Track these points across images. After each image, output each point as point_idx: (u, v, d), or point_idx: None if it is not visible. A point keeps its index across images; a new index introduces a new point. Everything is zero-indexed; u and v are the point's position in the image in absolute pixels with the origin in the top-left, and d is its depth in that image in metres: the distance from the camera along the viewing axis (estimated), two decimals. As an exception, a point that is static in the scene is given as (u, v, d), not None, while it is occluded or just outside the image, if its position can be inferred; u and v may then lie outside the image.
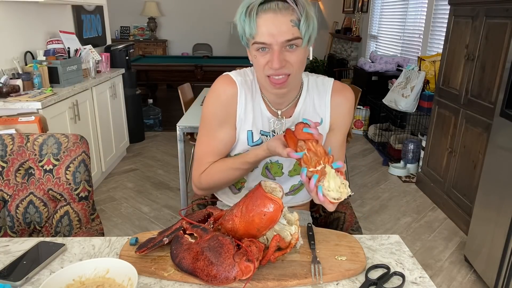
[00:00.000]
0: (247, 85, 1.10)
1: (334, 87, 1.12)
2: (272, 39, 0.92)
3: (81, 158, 1.27)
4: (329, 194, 0.83)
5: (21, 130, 2.12)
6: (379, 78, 4.46)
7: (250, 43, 0.98)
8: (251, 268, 0.76)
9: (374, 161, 3.88)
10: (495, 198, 1.96)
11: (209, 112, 1.10)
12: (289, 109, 1.11)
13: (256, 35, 0.94)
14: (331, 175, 0.84)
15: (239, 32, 0.99)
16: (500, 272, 1.88)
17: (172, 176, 3.47)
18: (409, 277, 0.83)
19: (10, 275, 0.82)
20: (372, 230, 2.64)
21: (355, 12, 6.23)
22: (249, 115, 1.09)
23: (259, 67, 0.99)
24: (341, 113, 1.12)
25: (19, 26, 2.79)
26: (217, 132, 1.10)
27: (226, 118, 1.09)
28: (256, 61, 0.99)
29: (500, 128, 1.94)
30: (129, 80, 4.01)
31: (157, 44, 7.40)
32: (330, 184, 0.84)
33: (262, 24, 0.92)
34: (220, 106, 1.08)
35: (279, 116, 1.10)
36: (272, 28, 0.92)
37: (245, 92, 1.09)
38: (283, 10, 0.91)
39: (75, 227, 1.28)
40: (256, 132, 1.10)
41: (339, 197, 0.84)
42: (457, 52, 2.74)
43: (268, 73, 0.98)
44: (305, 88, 1.13)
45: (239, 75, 1.10)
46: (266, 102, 1.10)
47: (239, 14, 0.96)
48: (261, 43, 0.94)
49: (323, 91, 1.12)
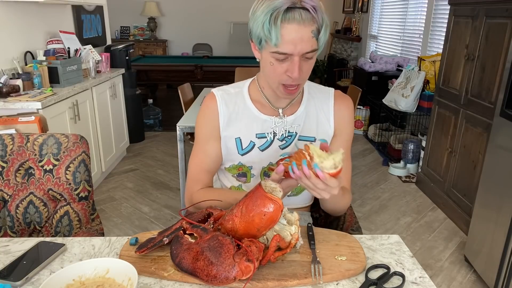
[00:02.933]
0: (230, 96, 1.12)
1: (335, 94, 1.15)
2: (294, 50, 0.92)
3: (81, 158, 1.27)
4: (324, 166, 0.84)
5: (21, 130, 2.12)
6: (379, 78, 4.46)
7: (267, 48, 0.96)
8: (251, 268, 0.76)
9: (374, 161, 3.89)
10: (495, 198, 1.96)
11: (198, 129, 1.14)
12: (290, 107, 1.12)
13: (278, 45, 0.93)
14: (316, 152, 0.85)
15: (254, 33, 0.97)
16: (500, 272, 1.88)
17: (172, 176, 3.47)
18: (409, 277, 0.83)
19: (10, 275, 0.82)
20: (372, 230, 2.64)
21: (355, 12, 6.23)
22: (234, 124, 1.11)
23: (274, 75, 0.99)
24: (344, 119, 1.14)
25: (19, 26, 2.79)
26: (205, 147, 1.13)
27: (211, 133, 1.12)
28: (272, 68, 0.98)
29: (500, 128, 1.94)
30: (129, 80, 4.01)
31: (157, 44, 7.40)
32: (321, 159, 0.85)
33: (286, 34, 0.91)
34: (205, 122, 1.12)
35: (280, 114, 1.11)
36: (295, 39, 0.91)
37: (226, 102, 1.11)
38: (306, 21, 0.91)
39: (75, 227, 1.28)
40: (246, 139, 1.11)
41: (335, 165, 0.84)
42: (457, 52, 2.74)
43: (285, 82, 0.99)
44: (306, 89, 1.14)
45: (220, 90, 1.14)
46: (262, 104, 1.11)
47: (261, 20, 0.93)
48: (282, 53, 0.94)
49: (325, 96, 1.14)
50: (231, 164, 1.14)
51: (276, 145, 1.11)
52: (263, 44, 0.97)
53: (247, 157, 1.12)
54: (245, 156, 1.12)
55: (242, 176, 1.15)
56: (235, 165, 1.14)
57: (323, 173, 0.83)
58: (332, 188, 0.86)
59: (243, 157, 1.12)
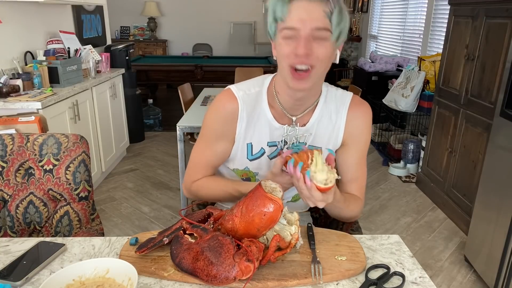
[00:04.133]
0: (250, 99, 1.06)
1: (352, 100, 1.09)
2: (302, 24, 0.89)
3: (81, 158, 1.27)
4: (315, 177, 0.82)
5: (21, 130, 2.12)
6: (379, 78, 4.46)
7: (278, 30, 0.94)
8: (251, 268, 0.76)
9: (374, 161, 3.89)
10: (495, 198, 1.96)
11: (208, 125, 1.10)
12: (304, 115, 1.07)
13: (287, 20, 0.90)
14: (318, 161, 0.83)
15: (268, 20, 0.96)
16: (500, 272, 1.88)
17: (172, 176, 3.47)
18: (409, 277, 0.83)
19: (10, 275, 0.82)
20: (372, 230, 2.63)
21: (355, 12, 6.23)
22: (250, 129, 1.07)
23: (282, 57, 0.94)
24: (357, 127, 1.08)
25: (19, 26, 2.79)
26: (213, 145, 1.09)
27: (224, 133, 1.08)
28: (280, 49, 0.94)
29: (500, 128, 1.94)
30: (129, 80, 4.00)
31: (157, 44, 7.40)
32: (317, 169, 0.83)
33: (294, 9, 0.90)
34: (219, 122, 1.07)
35: (293, 123, 1.06)
36: (303, 14, 0.89)
37: (247, 106, 1.06)
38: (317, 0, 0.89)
39: (75, 227, 1.28)
40: (257, 145, 1.08)
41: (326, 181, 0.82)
42: (457, 52, 2.74)
43: (291, 62, 0.92)
44: (323, 96, 1.08)
45: (241, 90, 1.07)
46: (277, 110, 1.06)
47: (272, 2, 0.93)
48: (289, 28, 0.90)
49: (341, 103, 1.08)
50: (237, 167, 1.12)
51: None
52: (273, 29, 0.95)
53: (255, 163, 1.09)
54: (253, 162, 1.10)
55: (246, 180, 1.14)
56: (240, 170, 1.12)
57: (311, 182, 0.83)
58: (316, 200, 0.85)
59: (251, 162, 1.10)
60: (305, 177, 0.83)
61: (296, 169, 0.85)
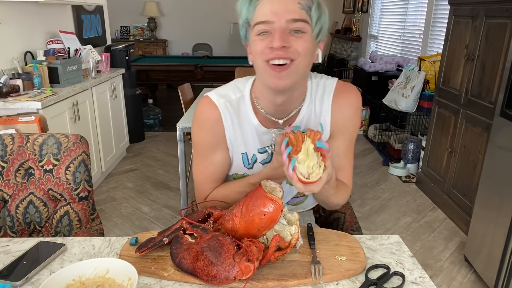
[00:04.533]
0: (232, 106, 1.00)
1: (336, 89, 1.00)
2: (275, 17, 0.83)
3: (81, 158, 1.27)
4: (298, 168, 0.77)
5: (21, 130, 2.12)
6: (379, 78, 4.46)
7: (251, 29, 0.88)
8: (251, 268, 0.76)
9: (374, 161, 3.88)
10: (495, 198, 1.96)
11: (198, 140, 1.04)
12: (291, 117, 1.01)
13: (256, 16, 0.85)
14: (309, 151, 0.78)
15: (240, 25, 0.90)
16: (500, 272, 1.88)
17: (172, 176, 3.47)
18: (409, 277, 0.83)
19: (10, 275, 0.82)
20: (372, 230, 2.63)
21: (355, 12, 6.23)
22: (239, 138, 1.02)
23: (257, 54, 0.87)
24: (343, 118, 1.01)
25: (19, 26, 2.79)
26: (211, 157, 1.04)
27: (216, 143, 1.02)
28: (254, 47, 0.87)
29: (500, 128, 1.94)
30: (129, 80, 4.00)
31: (157, 44, 7.40)
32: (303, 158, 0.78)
33: (265, 4, 0.84)
34: (207, 134, 1.01)
35: (281, 126, 1.01)
36: (276, 6, 0.83)
37: (230, 114, 1.00)
38: None
39: (75, 227, 1.28)
40: (251, 153, 1.05)
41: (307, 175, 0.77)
42: (457, 52, 2.74)
43: (267, 57, 0.85)
44: (308, 94, 1.01)
45: (220, 97, 1.00)
46: (262, 115, 1.00)
47: (240, 4, 0.88)
48: (262, 22, 0.84)
49: (325, 94, 1.00)
50: (236, 172, 1.09)
51: None
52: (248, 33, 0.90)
53: (253, 170, 1.07)
54: (251, 169, 1.07)
55: None
56: (240, 175, 1.09)
57: (293, 172, 0.78)
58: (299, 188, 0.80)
59: (250, 170, 1.07)
60: (288, 165, 0.78)
61: (283, 153, 0.80)
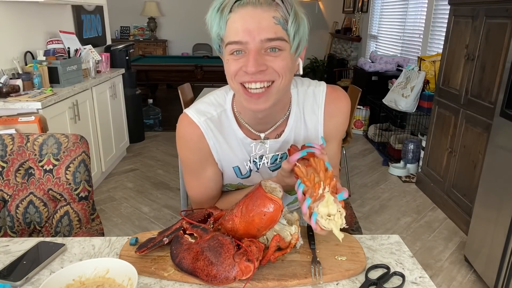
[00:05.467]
0: (214, 123, 0.96)
1: (327, 97, 0.98)
2: (248, 36, 0.76)
3: (81, 158, 1.27)
4: (320, 221, 0.76)
5: (21, 130, 2.12)
6: (379, 78, 4.46)
7: (223, 49, 0.82)
8: (251, 268, 0.76)
9: (374, 161, 3.88)
10: (495, 198, 1.96)
11: (185, 160, 1.01)
12: (277, 127, 0.97)
13: (229, 34, 0.78)
14: (329, 202, 0.76)
15: (212, 39, 0.84)
16: (500, 272, 1.88)
17: (172, 176, 3.47)
18: (409, 277, 0.83)
19: (10, 275, 0.82)
20: (372, 230, 2.63)
21: (355, 12, 6.23)
22: (227, 152, 0.99)
23: (230, 75, 0.82)
24: (336, 125, 1.01)
25: (19, 26, 2.79)
26: (202, 174, 1.02)
27: (205, 160, 0.99)
28: (228, 67, 0.82)
29: (500, 128, 1.94)
30: (129, 80, 4.01)
31: (157, 44, 7.40)
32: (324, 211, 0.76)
33: (237, 20, 0.77)
34: (193, 152, 0.98)
35: (262, 140, 0.97)
36: (249, 22, 0.76)
37: (213, 132, 0.96)
38: (264, 5, 0.76)
39: (75, 227, 1.28)
40: (243, 165, 1.02)
41: (330, 229, 0.76)
42: (457, 52, 2.74)
43: (241, 80, 0.81)
44: (294, 103, 0.96)
45: (201, 115, 0.95)
46: (246, 128, 0.97)
47: (210, 12, 0.81)
48: (234, 42, 0.78)
49: (315, 104, 0.98)
50: (230, 183, 1.08)
51: (266, 167, 1.03)
52: (219, 45, 0.84)
53: (247, 180, 1.06)
54: (245, 180, 1.06)
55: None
56: (234, 184, 1.08)
57: (316, 225, 0.76)
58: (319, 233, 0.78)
59: (243, 180, 1.06)
60: (311, 218, 0.76)
61: (304, 204, 0.77)
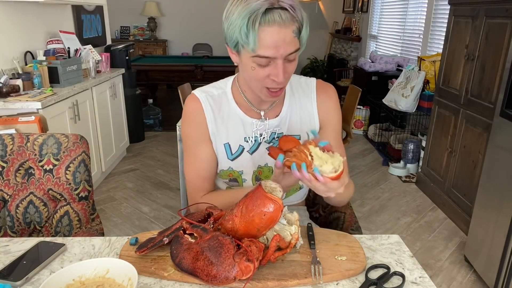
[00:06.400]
0: (214, 99, 1.09)
1: (317, 86, 1.13)
2: (277, 53, 0.88)
3: (81, 158, 1.27)
4: (324, 170, 0.82)
5: (21, 130, 2.12)
6: (379, 78, 4.46)
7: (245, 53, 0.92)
8: (251, 268, 0.76)
9: (374, 161, 3.88)
10: (495, 198, 1.96)
11: (184, 135, 1.11)
12: (273, 108, 1.10)
13: (259, 49, 0.88)
14: (317, 154, 0.83)
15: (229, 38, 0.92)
16: (500, 272, 1.88)
17: (172, 176, 3.47)
18: (409, 277, 0.83)
19: (10, 275, 0.82)
20: (372, 230, 2.63)
21: (355, 12, 6.23)
22: (221, 129, 1.08)
23: (257, 79, 0.95)
24: (329, 108, 1.12)
25: (19, 26, 2.79)
26: (197, 152, 1.09)
27: (200, 136, 1.08)
28: (254, 73, 0.94)
29: (500, 128, 1.94)
30: (129, 80, 4.00)
31: (157, 44, 7.40)
32: (321, 161, 0.82)
33: (267, 37, 0.87)
34: (191, 126, 1.09)
35: (262, 117, 1.08)
36: (277, 41, 0.87)
37: (211, 106, 1.08)
38: (286, 22, 0.87)
39: (75, 227, 1.28)
40: (235, 143, 1.09)
41: (335, 169, 0.82)
42: (457, 52, 2.74)
43: (269, 86, 0.95)
44: (289, 87, 1.12)
45: (203, 92, 1.10)
46: (245, 106, 1.08)
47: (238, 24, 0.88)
48: (264, 57, 0.89)
49: (308, 90, 1.12)
50: (221, 169, 1.11)
51: (264, 147, 1.09)
52: (240, 48, 0.92)
53: (236, 162, 1.09)
54: (235, 161, 1.09)
55: (234, 181, 1.13)
56: (225, 171, 1.11)
57: (323, 177, 0.82)
58: (335, 190, 0.84)
59: (233, 162, 1.10)
60: (316, 176, 0.82)
61: (302, 171, 0.83)
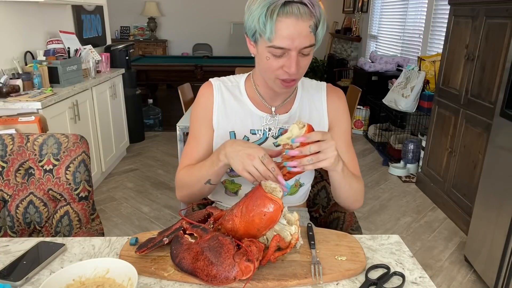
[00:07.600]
0: (226, 88, 1.13)
1: (328, 88, 1.17)
2: (292, 45, 0.91)
3: (81, 158, 1.27)
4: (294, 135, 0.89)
5: (21, 130, 2.12)
6: (379, 78, 4.46)
7: (262, 43, 0.95)
8: (251, 268, 0.76)
9: (374, 161, 3.88)
10: (495, 198, 1.96)
11: (192, 116, 1.15)
12: (284, 105, 1.13)
13: (275, 39, 0.91)
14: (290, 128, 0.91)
15: (248, 27, 0.96)
16: (500, 272, 1.88)
17: (172, 176, 3.47)
18: (409, 277, 0.83)
19: (10, 275, 0.82)
20: (372, 230, 2.63)
21: (355, 12, 6.23)
22: (229, 117, 1.11)
23: (270, 70, 0.98)
24: (338, 109, 1.15)
25: (19, 26, 2.79)
26: (198, 134, 1.13)
27: (204, 120, 1.12)
28: (268, 63, 0.97)
29: (500, 128, 1.94)
30: (129, 80, 4.00)
31: (157, 44, 7.40)
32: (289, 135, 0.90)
33: (284, 28, 0.90)
34: (199, 108, 1.13)
35: (273, 113, 1.11)
36: (293, 33, 0.90)
37: (222, 93, 1.12)
38: (304, 16, 0.90)
39: (75, 227, 1.28)
40: (240, 133, 1.11)
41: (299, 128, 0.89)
42: (457, 52, 2.74)
43: (282, 77, 0.98)
44: (300, 85, 1.15)
45: (218, 80, 1.15)
46: (257, 100, 1.12)
47: (257, 13, 0.91)
48: (279, 48, 0.92)
49: (318, 90, 1.16)
50: None
51: (270, 142, 1.11)
52: (257, 38, 0.96)
53: None
54: None
55: (232, 171, 1.13)
56: None
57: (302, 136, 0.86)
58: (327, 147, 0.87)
59: None
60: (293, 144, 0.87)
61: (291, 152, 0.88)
